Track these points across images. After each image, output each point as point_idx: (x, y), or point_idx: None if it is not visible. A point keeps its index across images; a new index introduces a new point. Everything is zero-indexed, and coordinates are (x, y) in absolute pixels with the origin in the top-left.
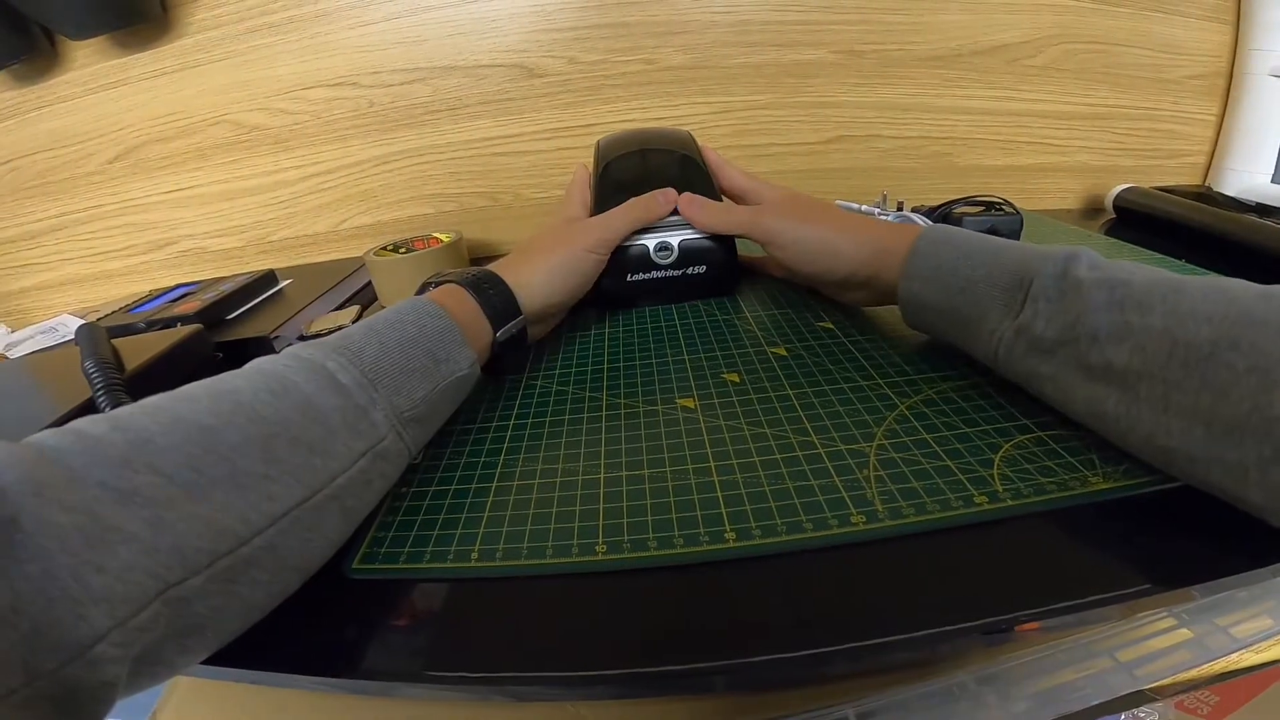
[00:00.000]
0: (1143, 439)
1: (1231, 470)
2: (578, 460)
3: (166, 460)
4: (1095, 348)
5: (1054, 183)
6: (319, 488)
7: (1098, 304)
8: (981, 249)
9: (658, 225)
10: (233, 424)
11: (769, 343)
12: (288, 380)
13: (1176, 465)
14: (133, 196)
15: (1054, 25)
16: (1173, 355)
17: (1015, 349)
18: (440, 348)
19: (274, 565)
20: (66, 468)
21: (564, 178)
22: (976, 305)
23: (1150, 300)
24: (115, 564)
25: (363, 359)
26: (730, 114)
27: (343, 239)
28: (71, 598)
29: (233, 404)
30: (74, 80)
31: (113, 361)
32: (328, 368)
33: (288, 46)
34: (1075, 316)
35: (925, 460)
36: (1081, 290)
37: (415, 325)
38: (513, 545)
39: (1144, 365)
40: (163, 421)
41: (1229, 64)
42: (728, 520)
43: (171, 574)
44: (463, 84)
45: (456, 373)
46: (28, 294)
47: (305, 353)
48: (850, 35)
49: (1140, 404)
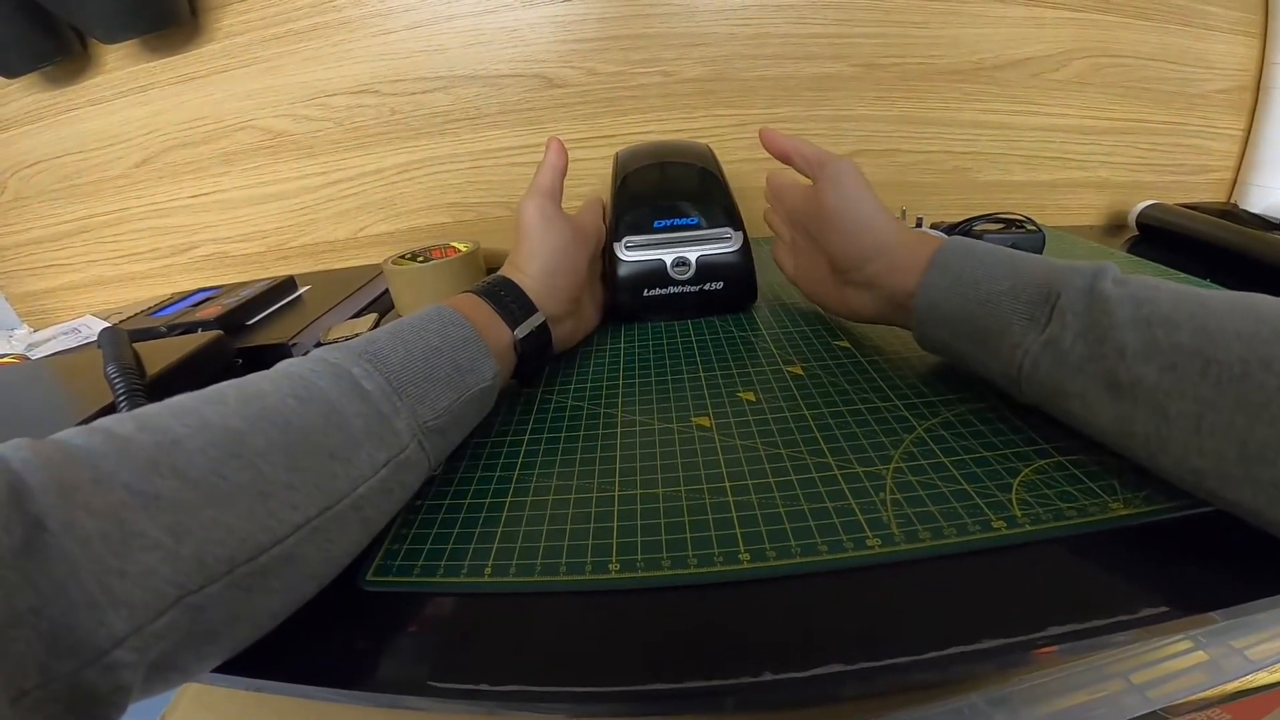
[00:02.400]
0: (1174, 459)
1: (1264, 489)
2: (593, 477)
3: (192, 464)
4: (1123, 364)
5: (1076, 199)
6: (341, 497)
7: (1125, 320)
8: (1005, 261)
9: (676, 241)
10: (258, 429)
11: (785, 361)
12: (313, 385)
13: (1206, 486)
14: (157, 200)
15: (1078, 39)
16: (1205, 374)
17: (1041, 364)
18: (464, 357)
19: (292, 574)
20: (93, 469)
21: (582, 189)
22: (999, 318)
23: (1178, 317)
24: (136, 569)
25: (388, 366)
26: (748, 127)
27: (361, 246)
28: (92, 601)
29: (259, 408)
30: (104, 83)
31: (134, 366)
32: (353, 374)
33: (312, 53)
34: (1103, 332)
35: (942, 484)
36: (1109, 305)
37: (439, 334)
38: (526, 561)
39: (1174, 384)
40: (190, 424)
41: (1256, 78)
42: (742, 541)
43: (191, 581)
44: (483, 93)
45: (480, 384)
46: (52, 294)
47: (332, 357)
48: (870, 49)
49: (1171, 423)
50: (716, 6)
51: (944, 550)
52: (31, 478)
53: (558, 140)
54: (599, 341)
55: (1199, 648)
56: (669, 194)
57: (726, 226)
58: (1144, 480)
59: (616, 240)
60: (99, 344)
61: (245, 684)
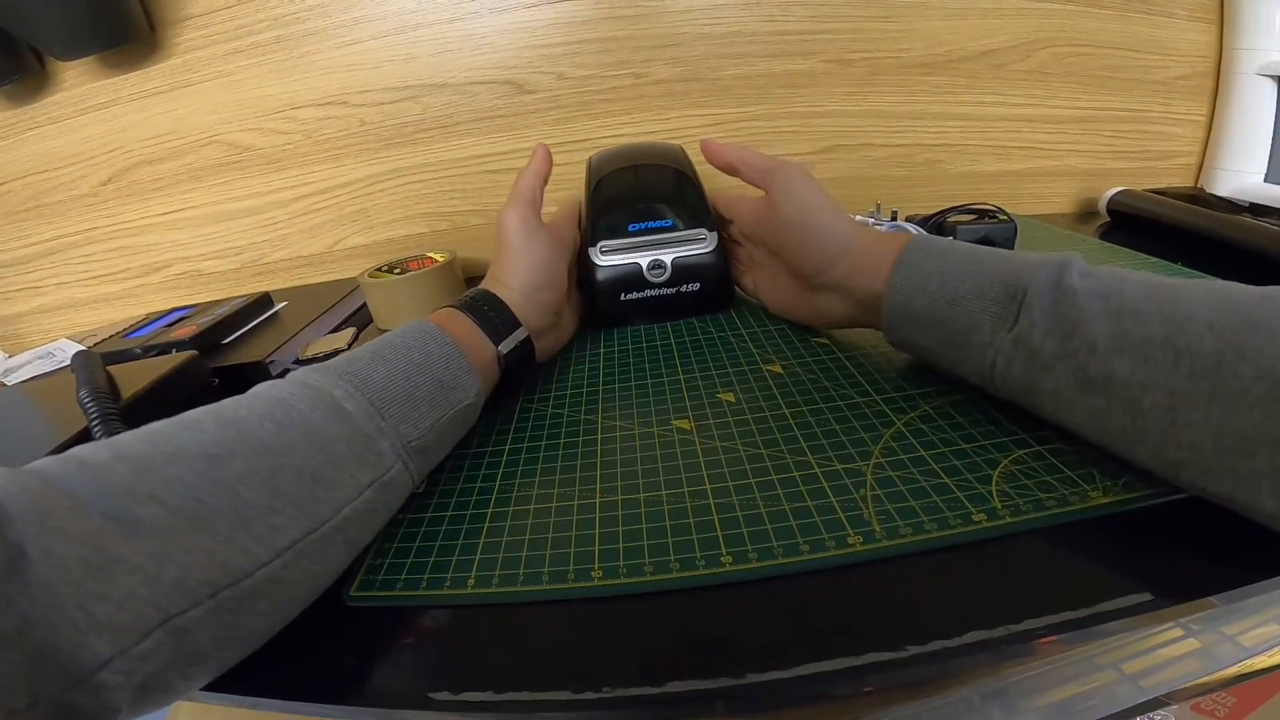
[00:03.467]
0: (1151, 452)
1: (1244, 480)
2: (573, 485)
3: (170, 491)
4: (1094, 359)
5: (1047, 187)
6: (325, 520)
7: (1094, 314)
8: (970, 259)
9: (651, 244)
10: (237, 454)
11: (764, 360)
12: (293, 409)
13: (1185, 477)
14: (127, 219)
15: (1039, 29)
16: (1178, 365)
17: (1013, 363)
18: (447, 374)
19: (277, 596)
20: (70, 497)
21: (557, 193)
22: (967, 317)
23: (1147, 308)
24: (118, 594)
25: (369, 386)
26: (722, 126)
27: (338, 259)
28: (75, 625)
29: (237, 433)
30: (64, 101)
31: (108, 390)
32: (334, 395)
33: (277, 66)
34: (1072, 327)
35: (923, 478)
36: (1077, 300)
37: (422, 351)
38: (509, 571)
39: (1147, 377)
40: (166, 451)
41: (1215, 64)
42: (724, 544)
43: (174, 605)
44: (453, 101)
45: (464, 401)
46: (24, 318)
47: (311, 379)
48: (840, 44)
49: (1146, 416)
50: (685, 6)
51: (926, 545)
52: (10, 505)
53: (544, 147)
54: (578, 348)
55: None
56: (643, 197)
57: (700, 228)
58: (1122, 468)
59: (592, 245)
60: (72, 368)
61: (234, 700)
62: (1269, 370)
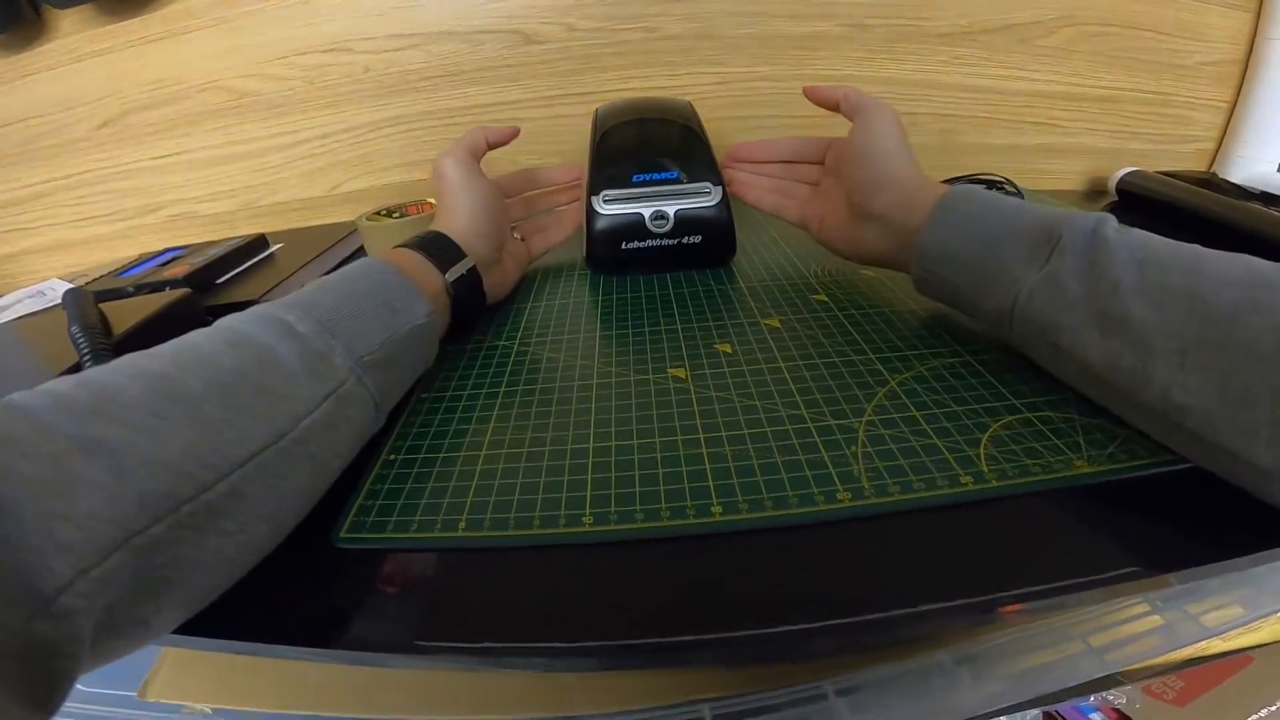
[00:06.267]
0: (1157, 395)
1: (1243, 431)
2: (567, 429)
3: (129, 411)
4: (1115, 299)
5: (1059, 164)
6: (284, 431)
7: (1123, 260)
8: (1011, 205)
9: (654, 195)
10: (194, 373)
11: (763, 314)
12: (245, 332)
13: (1189, 426)
14: (121, 162)
15: (1069, 5)
16: (1192, 312)
17: (1036, 298)
18: (395, 298)
19: (241, 514)
20: (33, 421)
21: (561, 146)
22: (1000, 258)
23: (1172, 262)
24: (78, 512)
25: (318, 309)
26: (730, 85)
27: (336, 203)
28: (36, 547)
29: (193, 356)
30: (59, 49)
31: (99, 326)
32: (285, 319)
33: (280, 12)
34: (1101, 269)
35: (913, 438)
36: (1109, 246)
37: (367, 281)
38: (500, 515)
39: (1161, 319)
40: (126, 374)
41: (1246, 51)
42: (715, 494)
43: (135, 521)
44: (459, 50)
45: (414, 321)
46: (15, 259)
47: (262, 310)
48: (859, 9)
49: (1156, 359)
50: None
51: (912, 505)
52: None
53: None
54: (577, 294)
55: (1155, 612)
56: (648, 149)
57: (706, 181)
58: (1109, 438)
59: (595, 194)
60: (63, 305)
61: (222, 646)
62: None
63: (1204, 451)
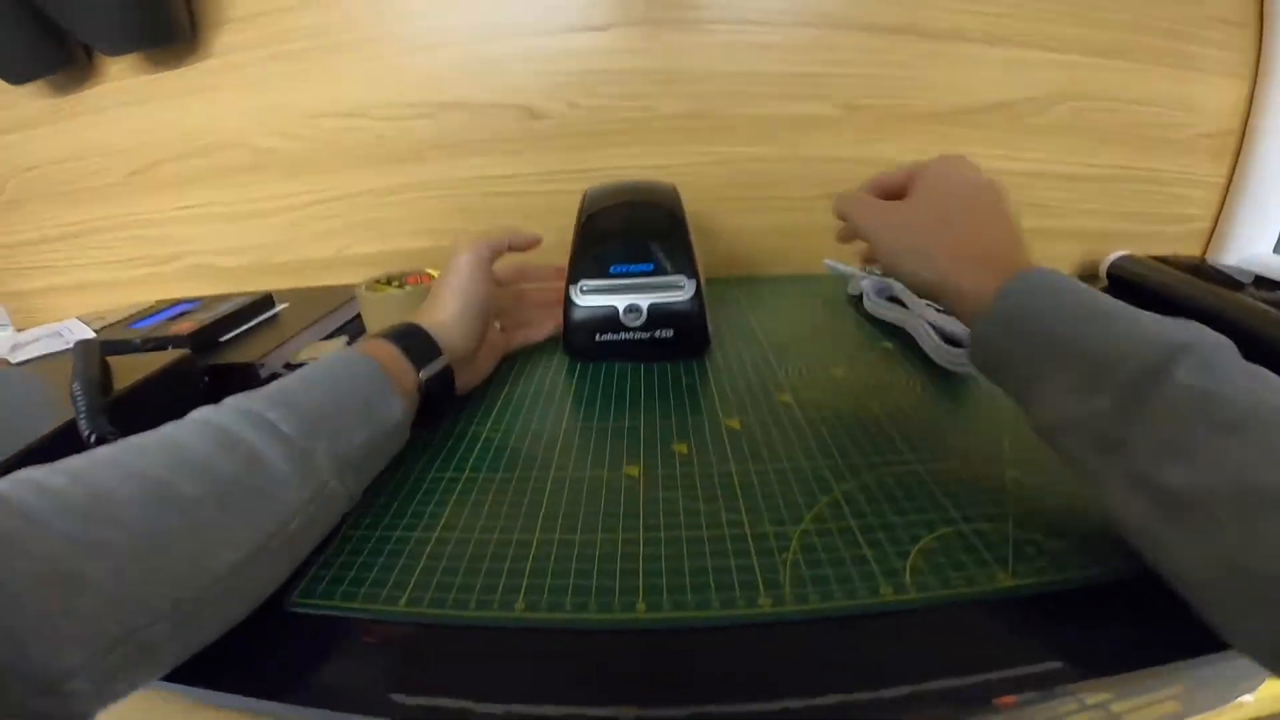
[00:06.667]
0: (1163, 558)
1: (1232, 617)
2: (516, 519)
3: (126, 512)
4: (1154, 463)
5: (1052, 247)
6: (273, 533)
7: (1181, 413)
8: (1079, 309)
9: (630, 287)
10: (186, 477)
11: (725, 413)
12: (232, 433)
13: (1177, 585)
14: (148, 210)
15: (1061, 82)
16: (1236, 496)
17: (1070, 434)
18: (374, 395)
19: (229, 603)
20: (28, 519)
21: (559, 221)
22: (1042, 373)
23: (1247, 424)
24: (83, 610)
25: (300, 410)
26: (726, 165)
27: (343, 265)
28: (42, 639)
29: (182, 458)
30: (105, 93)
31: (100, 383)
32: (269, 418)
33: (306, 75)
34: (1149, 423)
35: (845, 548)
36: (1168, 399)
37: (349, 378)
38: (441, 594)
39: (1195, 495)
40: (117, 475)
41: (1242, 122)
42: (643, 591)
43: (135, 619)
44: (467, 122)
45: (391, 420)
46: (40, 294)
47: (247, 404)
48: (852, 90)
49: (1174, 527)
50: (701, 43)
51: (829, 613)
52: None
53: (539, 239)
54: (551, 379)
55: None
56: (628, 239)
57: (681, 274)
58: (1039, 552)
59: (573, 283)
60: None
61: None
62: None
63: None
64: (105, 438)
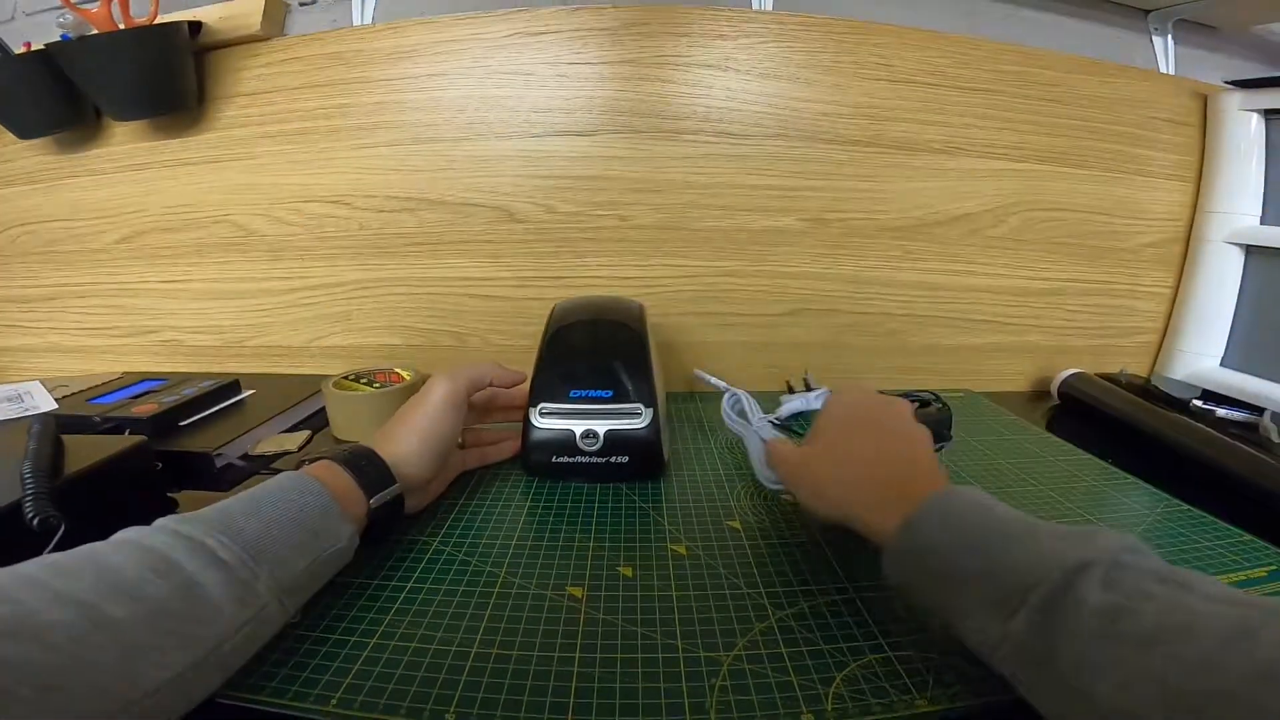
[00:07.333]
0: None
1: None
2: (457, 631)
3: (55, 634)
4: (1081, 678)
5: (1005, 363)
6: (206, 653)
7: (1094, 631)
8: (978, 538)
9: (587, 413)
10: (117, 601)
11: (673, 539)
12: (169, 559)
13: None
14: (130, 280)
15: (1016, 191)
16: (1164, 711)
17: (999, 652)
18: (320, 523)
19: (161, 712)
20: None
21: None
22: (956, 601)
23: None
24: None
25: (244, 537)
26: (695, 279)
27: (315, 355)
28: None
29: (114, 581)
30: (106, 156)
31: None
32: (208, 545)
33: (297, 157)
34: (1069, 640)
35: (773, 674)
36: (1079, 618)
37: (297, 504)
38: (372, 699)
39: (1128, 708)
40: (45, 598)
41: (1186, 228)
42: (572, 711)
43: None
44: (446, 219)
45: (335, 545)
46: (9, 353)
47: (185, 529)
48: (818, 202)
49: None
50: (677, 154)
51: None
52: None
53: (524, 377)
54: (506, 496)
55: None
56: (588, 362)
57: (639, 402)
58: (959, 676)
59: (533, 405)
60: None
61: None
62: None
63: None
64: (49, 521)
